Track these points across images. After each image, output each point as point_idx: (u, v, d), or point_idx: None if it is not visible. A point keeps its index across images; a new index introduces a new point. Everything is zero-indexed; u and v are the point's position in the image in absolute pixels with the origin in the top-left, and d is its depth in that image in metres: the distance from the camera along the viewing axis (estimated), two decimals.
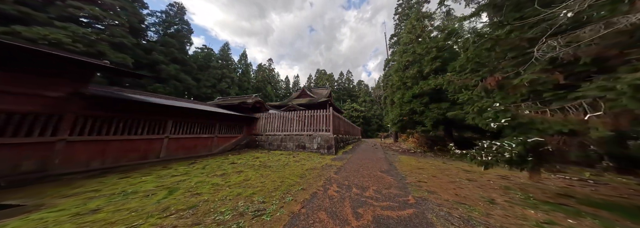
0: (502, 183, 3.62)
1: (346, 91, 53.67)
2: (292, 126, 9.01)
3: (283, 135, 8.91)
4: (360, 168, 4.99)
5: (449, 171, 4.67)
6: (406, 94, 8.30)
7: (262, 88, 37.41)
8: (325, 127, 8.55)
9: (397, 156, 7.97)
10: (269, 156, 6.57)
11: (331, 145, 7.97)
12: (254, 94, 9.62)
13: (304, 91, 24.46)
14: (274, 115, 9.30)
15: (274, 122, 9.21)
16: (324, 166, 5.09)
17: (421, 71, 8.30)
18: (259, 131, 9.15)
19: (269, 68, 47.09)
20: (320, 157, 6.86)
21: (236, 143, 7.69)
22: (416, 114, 7.71)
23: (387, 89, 13.75)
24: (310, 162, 5.63)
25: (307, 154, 7.57)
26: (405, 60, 9.68)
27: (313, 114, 8.88)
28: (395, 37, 22.52)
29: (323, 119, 8.64)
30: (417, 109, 7.37)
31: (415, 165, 5.51)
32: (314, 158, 6.45)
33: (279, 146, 8.67)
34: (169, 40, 22.30)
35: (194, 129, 6.02)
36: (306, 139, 8.50)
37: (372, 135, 37.94)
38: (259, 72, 43.03)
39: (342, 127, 11.95)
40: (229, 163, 5.01)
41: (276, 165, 4.98)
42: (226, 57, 32.33)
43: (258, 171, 4.08)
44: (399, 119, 8.58)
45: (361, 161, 6.28)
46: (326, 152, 7.98)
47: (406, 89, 8.91)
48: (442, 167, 5.15)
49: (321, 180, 3.53)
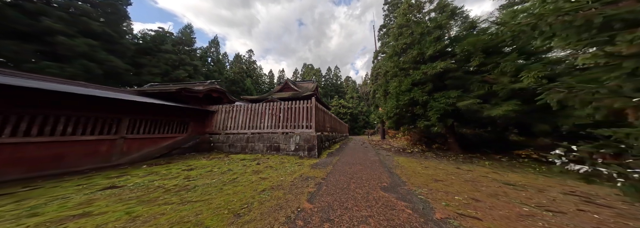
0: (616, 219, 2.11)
1: (334, 87, 52.21)
2: (264, 122, 7.03)
3: (250, 134, 6.89)
4: (351, 182, 3.28)
5: (483, 184, 3.15)
6: (404, 81, 6.78)
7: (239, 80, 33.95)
8: (306, 123, 6.73)
9: (392, 157, 6.46)
10: (217, 165, 4.57)
11: (313, 146, 6.18)
12: (209, 81, 7.38)
13: (288, 84, 22.25)
14: (238, 108, 7.20)
15: (239, 117, 7.13)
16: (296, 180, 3.29)
17: (423, 53, 6.81)
18: (215, 129, 7.01)
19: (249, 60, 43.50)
20: (296, 163, 5.05)
21: (172, 146, 5.50)
22: (417, 105, 6.20)
23: (380, 79, 12.27)
24: (277, 173, 3.79)
25: (281, 158, 5.71)
26: (401, 43, 8.15)
27: (291, 106, 6.99)
28: (385, 29, 21.26)
29: (303, 113, 6.80)
30: (419, 98, 5.84)
31: (426, 174, 3.95)
32: (286, 165, 4.61)
33: (244, 149, 6.65)
34: (80, 5, 16.42)
35: (59, 126, 3.49)
36: (281, 138, 6.61)
37: (359, 132, 37.12)
38: (236, 63, 38.94)
39: (328, 123, 10.23)
40: (103, 187, 2.76)
41: (213, 183, 3.05)
42: (188, 41, 27.47)
43: (146, 206, 2.10)
44: (394, 112, 7.07)
45: (351, 167, 4.60)
46: (306, 155, 6.19)
47: (404, 76, 7.40)
48: (465, 177, 3.64)
49: (277, 221, 1.73)
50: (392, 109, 7.29)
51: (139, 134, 4.61)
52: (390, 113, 7.51)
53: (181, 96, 5.86)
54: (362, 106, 41.95)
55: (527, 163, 4.49)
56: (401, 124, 8.23)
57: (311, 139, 6.31)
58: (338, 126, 15.20)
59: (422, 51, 6.89)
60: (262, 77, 49.75)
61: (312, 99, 7.01)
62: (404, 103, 6.57)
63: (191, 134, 6.30)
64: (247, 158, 5.56)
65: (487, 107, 4.55)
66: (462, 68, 5.75)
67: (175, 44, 24.05)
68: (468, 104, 4.60)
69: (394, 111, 7.23)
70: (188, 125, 6.27)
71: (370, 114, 37.84)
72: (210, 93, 7.23)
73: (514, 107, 3.95)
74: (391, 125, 8.36)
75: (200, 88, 6.56)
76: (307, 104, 6.91)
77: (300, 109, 6.88)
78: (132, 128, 4.49)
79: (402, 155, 6.96)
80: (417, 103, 6.18)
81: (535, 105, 2.82)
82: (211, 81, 7.27)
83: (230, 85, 32.04)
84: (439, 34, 6.82)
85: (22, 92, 3.08)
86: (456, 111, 5.17)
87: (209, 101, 7.52)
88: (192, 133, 6.36)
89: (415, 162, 5.47)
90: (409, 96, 6.31)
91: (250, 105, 7.27)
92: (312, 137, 6.32)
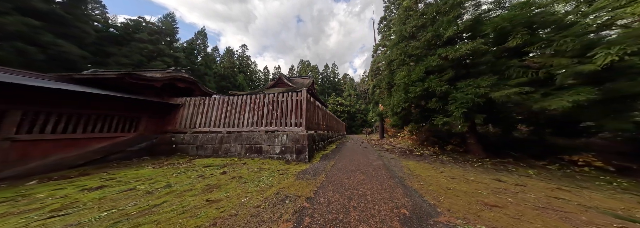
0: None
1: (331, 85, 50.89)
2: (243, 118, 5.72)
3: (225, 133, 5.57)
4: (351, 205, 2.05)
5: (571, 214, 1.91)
6: (415, 69, 5.54)
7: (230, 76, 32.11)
8: (295, 119, 5.46)
9: (399, 161, 5.25)
10: (159, 177, 3.24)
11: (303, 147, 4.93)
12: (173, 68, 5.97)
13: (281, 80, 20.79)
14: (211, 101, 5.84)
15: (211, 111, 5.78)
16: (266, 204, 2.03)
17: (439, 35, 5.57)
18: (180, 127, 5.64)
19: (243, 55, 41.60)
20: (279, 170, 3.79)
21: (110, 149, 4.07)
22: (432, 98, 4.97)
23: (383, 70, 11.01)
24: (242, 190, 2.53)
25: (260, 164, 4.44)
26: (410, 26, 6.90)
27: (277, 99, 5.70)
28: (385, 21, 19.98)
29: (292, 108, 5.53)
30: (436, 89, 4.61)
31: (459, 190, 2.72)
32: (263, 175, 3.36)
33: (217, 151, 5.33)
34: None
35: None
36: (264, 138, 5.33)
37: (357, 131, 36.06)
38: (227, 57, 36.78)
39: (323, 120, 8.95)
40: None
41: (101, 217, 1.72)
42: (170, 31, 25.42)
43: None
44: (402, 106, 5.85)
45: (350, 177, 3.37)
46: (294, 158, 4.94)
47: (415, 64, 6.17)
48: (527, 198, 2.39)
49: None
50: (399, 103, 6.06)
51: (46, 135, 3.18)
52: (396, 108, 6.28)
53: (126, 84, 4.46)
54: (360, 104, 40.85)
55: (591, 174, 3.32)
56: (408, 122, 7.03)
57: (301, 139, 5.03)
58: (335, 125, 13.96)
59: (437, 32, 5.64)
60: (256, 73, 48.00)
61: (302, 90, 5.72)
62: (415, 95, 5.34)
63: (144, 134, 4.91)
64: (215, 164, 4.25)
65: (534, 98, 3.36)
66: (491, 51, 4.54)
67: (153, 34, 22.00)
68: (510, 94, 3.39)
69: (401, 105, 6.00)
70: (138, 122, 4.87)
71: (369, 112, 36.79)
72: (174, 83, 5.81)
73: (587, 96, 2.76)
74: (396, 123, 7.14)
75: (157, 75, 5.14)
76: (296, 96, 5.62)
77: (289, 103, 5.58)
78: (30, 126, 3.06)
79: (410, 158, 5.76)
80: (433, 94, 4.96)
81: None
82: (175, 68, 5.88)
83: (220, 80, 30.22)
84: (458, 13, 5.59)
85: None
86: (488, 104, 3.96)
87: (173, 93, 6.12)
88: (145, 131, 4.97)
89: (431, 169, 4.26)
90: (421, 87, 5.08)
91: (226, 98, 5.92)
92: (301, 136, 5.05)
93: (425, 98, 5.33)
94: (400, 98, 6.01)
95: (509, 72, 3.94)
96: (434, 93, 4.78)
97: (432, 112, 5.36)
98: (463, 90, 4.16)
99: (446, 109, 4.52)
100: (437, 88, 4.58)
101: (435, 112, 5.08)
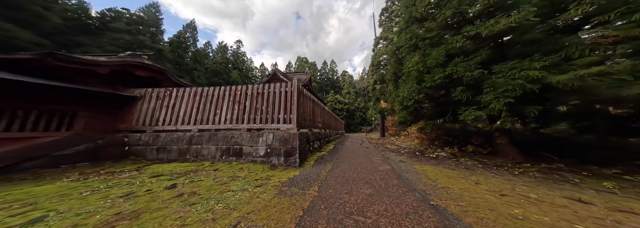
0: None
1: (330, 82, 49.72)
2: (220, 114, 4.63)
3: (196, 131, 4.47)
4: None
5: None
6: (432, 53, 4.48)
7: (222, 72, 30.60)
8: (283, 115, 4.40)
9: (410, 165, 4.23)
10: (62, 195, 2.12)
11: (293, 149, 3.87)
12: (130, 52, 4.78)
13: (276, 75, 19.55)
14: (179, 92, 4.72)
15: (179, 105, 4.65)
16: None
17: (461, 13, 4.50)
18: (137, 124, 4.50)
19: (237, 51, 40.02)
20: (258, 180, 2.76)
21: (23, 154, 2.95)
22: (458, 87, 3.90)
23: (389, 59, 9.90)
24: (182, 218, 1.37)
25: (236, 170, 3.39)
26: (422, 5, 5.80)
27: (262, 91, 4.62)
28: (387, 13, 18.83)
29: (281, 101, 4.47)
30: (464, 74, 3.54)
31: (533, 220, 1.68)
32: (233, 188, 2.31)
33: (185, 154, 4.22)
34: None
35: None
36: (245, 137, 4.27)
37: (356, 129, 35.12)
38: (220, 53, 34.94)
39: (320, 117, 7.88)
40: None
41: None
42: (153, 22, 23.19)
43: None
44: (414, 98, 4.81)
45: (352, 192, 2.35)
46: (282, 163, 3.89)
47: (430, 48, 5.11)
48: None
49: None
50: (410, 94, 5.00)
51: None
52: (406, 101, 5.23)
53: (53, 68, 3.26)
54: (359, 102, 39.87)
55: None
56: (420, 118, 5.99)
57: (290, 138, 3.97)
58: (333, 122, 12.91)
59: (460, 9, 4.56)
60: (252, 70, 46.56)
61: (293, 80, 4.66)
62: (432, 84, 4.28)
63: (82, 133, 3.76)
64: (172, 173, 3.15)
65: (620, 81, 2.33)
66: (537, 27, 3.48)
67: (132, 24, 20.35)
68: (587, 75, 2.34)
69: (413, 97, 4.95)
70: (74, 118, 3.72)
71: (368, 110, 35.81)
72: (130, 70, 4.63)
73: None
74: (405, 119, 6.10)
75: (101, 59, 3.93)
76: (286, 87, 4.55)
77: (277, 96, 4.50)
78: None
79: (423, 162, 4.73)
80: (458, 82, 3.91)
81: None
82: (132, 53, 4.69)
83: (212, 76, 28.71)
84: None
85: None
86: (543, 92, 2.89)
87: (132, 83, 4.96)
88: (85, 130, 3.81)
89: (459, 177, 3.23)
90: (441, 73, 4.01)
91: (199, 89, 4.79)
92: (291, 135, 3.98)
93: (445, 88, 4.28)
94: (412, 88, 4.96)
95: (568, 51, 2.89)
96: (460, 80, 3.72)
97: (454, 105, 4.33)
98: (504, 75, 3.10)
99: (477, 101, 3.47)
100: (465, 74, 3.51)
101: (460, 104, 4.03)
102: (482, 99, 3.26)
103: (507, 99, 2.83)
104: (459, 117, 3.69)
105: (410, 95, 4.98)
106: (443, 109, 5.23)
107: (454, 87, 3.92)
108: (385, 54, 16.58)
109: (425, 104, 5.75)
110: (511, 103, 2.86)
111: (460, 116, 3.67)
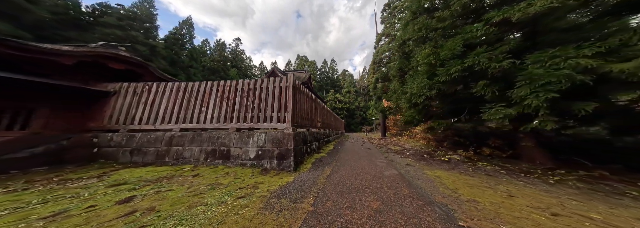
0: None
1: (330, 81, 49.13)
2: (206, 111, 4.09)
3: (178, 130, 3.93)
4: None
5: None
6: (448, 43, 3.94)
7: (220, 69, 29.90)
8: (278, 113, 3.86)
9: (420, 170, 3.71)
10: None
11: (287, 151, 3.33)
12: (103, 42, 4.18)
13: (275, 73, 18.99)
14: (159, 87, 4.18)
15: (160, 102, 4.10)
16: None
17: None
18: (109, 123, 3.94)
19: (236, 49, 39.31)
20: (243, 189, 2.27)
21: None
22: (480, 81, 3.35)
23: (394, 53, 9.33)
24: None
25: (218, 177, 2.84)
26: None
27: (254, 86, 4.10)
28: (389, 8, 18.24)
29: (275, 97, 3.94)
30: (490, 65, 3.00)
31: None
32: (204, 204, 1.77)
33: (163, 156, 3.68)
34: None
35: None
36: (234, 138, 3.74)
37: (356, 129, 34.59)
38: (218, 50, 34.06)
39: (319, 116, 7.35)
40: None
41: None
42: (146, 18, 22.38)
43: None
44: (425, 95, 4.28)
45: (355, 205, 1.93)
46: (275, 166, 3.36)
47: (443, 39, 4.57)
48: None
49: None
50: (420, 90, 4.46)
51: None
52: (415, 98, 4.69)
53: (4, 59, 2.70)
54: (359, 101, 39.34)
55: None
56: (429, 117, 5.46)
57: (284, 139, 3.43)
58: (333, 122, 12.38)
59: None
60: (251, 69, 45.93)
61: (288, 75, 4.13)
62: (447, 78, 3.74)
63: (41, 133, 3.20)
64: (141, 180, 2.61)
65: None
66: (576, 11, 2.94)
67: (123, 19, 19.65)
68: None
69: (423, 93, 4.40)
70: (31, 116, 3.16)
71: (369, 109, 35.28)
72: (103, 62, 4.06)
73: None
74: (412, 118, 5.56)
75: (66, 48, 3.35)
76: (280, 83, 4.02)
77: (270, 92, 3.98)
78: None
79: (434, 166, 4.21)
80: (481, 75, 3.37)
81: None
82: (106, 43, 4.09)
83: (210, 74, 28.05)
84: None
85: None
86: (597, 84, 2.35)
87: (107, 77, 4.39)
88: (46, 129, 3.25)
89: (483, 187, 2.70)
90: (459, 66, 3.47)
91: (183, 84, 4.24)
92: (286, 136, 3.44)
93: (463, 82, 3.74)
94: (422, 83, 4.41)
95: (624, 35, 2.35)
96: (484, 72, 3.18)
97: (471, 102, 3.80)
98: (543, 65, 2.56)
99: (505, 96, 2.93)
100: (491, 65, 2.97)
101: (481, 101, 3.49)
102: (512, 95, 2.72)
103: (550, 94, 2.29)
104: (482, 116, 3.15)
105: (420, 91, 4.44)
106: (456, 107, 4.70)
107: (474, 81, 3.38)
108: (388, 50, 16.03)
109: (434, 102, 5.22)
110: (553, 99, 2.32)
111: (483, 115, 3.13)
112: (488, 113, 2.99)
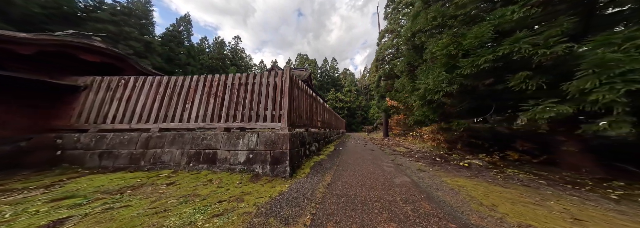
0: None
1: (331, 80, 48.46)
2: (190, 109, 3.53)
3: (157, 130, 3.37)
4: None
5: None
6: (473, 30, 3.35)
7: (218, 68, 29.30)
8: (271, 111, 3.29)
9: (438, 178, 3.15)
10: None
11: (282, 154, 2.75)
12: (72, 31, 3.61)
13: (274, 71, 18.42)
14: (137, 82, 3.61)
15: (137, 99, 3.54)
16: None
17: None
18: (77, 122, 3.38)
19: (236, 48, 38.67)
20: (223, 203, 1.87)
21: None
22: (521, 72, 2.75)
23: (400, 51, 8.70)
24: None
25: (197, 186, 2.24)
26: None
27: (246, 81, 3.54)
28: (393, 4, 17.57)
29: (269, 94, 3.38)
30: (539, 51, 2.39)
31: None
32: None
33: (138, 160, 3.12)
34: None
35: None
36: (221, 139, 3.17)
37: (357, 128, 33.98)
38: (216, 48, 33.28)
39: (319, 115, 6.79)
40: None
41: None
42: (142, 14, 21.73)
43: None
44: (444, 91, 3.70)
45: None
46: (268, 172, 2.77)
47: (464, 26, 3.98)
48: None
49: None
50: (437, 85, 3.87)
51: None
52: (430, 95, 4.10)
53: None
54: (360, 100, 38.71)
55: None
56: (444, 117, 4.87)
57: (279, 140, 2.86)
58: (334, 121, 11.81)
59: None
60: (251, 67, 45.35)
61: (285, 70, 3.57)
62: (473, 71, 3.16)
63: None
64: (95, 192, 2.05)
65: None
66: None
67: (117, 14, 19.08)
68: None
69: (441, 89, 3.81)
70: None
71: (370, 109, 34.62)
72: (72, 53, 3.50)
73: None
74: (424, 117, 4.96)
75: (23, 35, 2.79)
76: (275, 77, 3.47)
77: (264, 87, 3.42)
78: None
79: (451, 172, 3.64)
80: (521, 65, 2.77)
81: None
82: (76, 32, 3.52)
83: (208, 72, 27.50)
84: None
85: None
86: None
87: (81, 71, 3.83)
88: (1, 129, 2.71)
89: (530, 203, 2.14)
90: (490, 55, 2.89)
91: (164, 78, 3.67)
92: (281, 137, 2.88)
93: (494, 75, 3.15)
94: (440, 78, 3.82)
95: None
96: (525, 61, 2.59)
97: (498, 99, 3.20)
98: (615, 49, 1.96)
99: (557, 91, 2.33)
100: (538, 51, 2.38)
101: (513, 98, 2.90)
102: (569, 88, 2.13)
103: (633, 85, 1.70)
104: (521, 115, 2.57)
105: (437, 86, 3.84)
106: (478, 104, 4.11)
107: (511, 72, 2.79)
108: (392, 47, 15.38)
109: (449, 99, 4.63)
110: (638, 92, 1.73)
111: (524, 113, 2.54)
112: (532, 110, 2.40)
